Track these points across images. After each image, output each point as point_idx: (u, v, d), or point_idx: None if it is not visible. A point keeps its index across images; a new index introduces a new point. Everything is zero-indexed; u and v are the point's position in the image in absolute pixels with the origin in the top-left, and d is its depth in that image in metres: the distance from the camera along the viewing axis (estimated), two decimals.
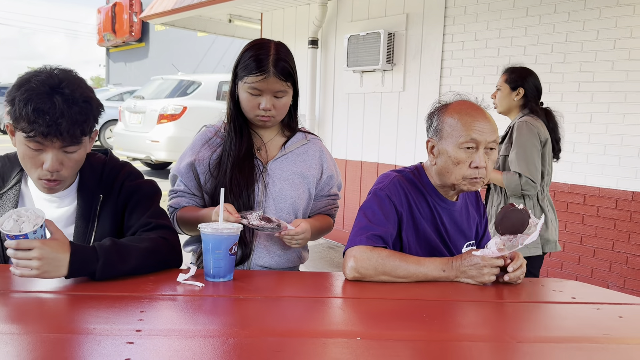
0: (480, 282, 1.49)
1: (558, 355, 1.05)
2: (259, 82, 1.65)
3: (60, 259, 1.28)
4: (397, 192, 1.62)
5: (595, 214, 3.69)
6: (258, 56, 1.67)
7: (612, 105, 3.54)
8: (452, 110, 1.59)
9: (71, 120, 1.36)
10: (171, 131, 7.88)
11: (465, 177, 1.56)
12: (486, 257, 1.48)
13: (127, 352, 0.96)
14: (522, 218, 1.47)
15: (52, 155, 1.40)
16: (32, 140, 1.37)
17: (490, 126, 1.55)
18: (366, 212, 1.60)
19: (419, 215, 1.63)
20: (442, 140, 1.59)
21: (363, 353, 1.02)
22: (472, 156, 1.54)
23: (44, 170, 1.42)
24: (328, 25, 5.46)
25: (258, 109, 1.68)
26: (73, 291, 1.30)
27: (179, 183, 1.80)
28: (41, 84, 1.37)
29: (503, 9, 4.06)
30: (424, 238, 1.64)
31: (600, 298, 1.48)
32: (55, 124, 1.34)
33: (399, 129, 4.88)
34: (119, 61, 21.43)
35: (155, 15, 6.57)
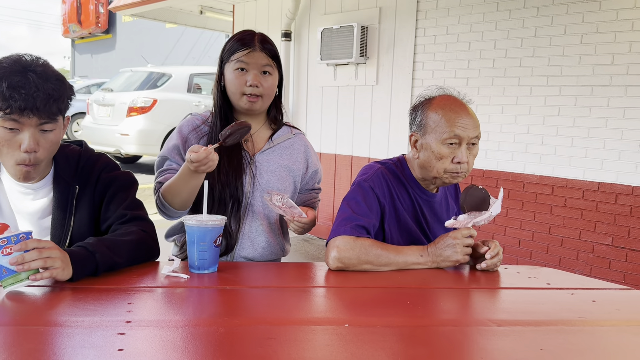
0: (456, 260, 1.54)
1: (537, 337, 1.10)
2: (245, 56, 1.70)
3: (67, 257, 1.27)
4: (380, 183, 1.65)
5: (563, 204, 3.80)
6: (244, 35, 1.75)
7: (579, 98, 3.65)
8: (435, 106, 1.61)
9: (47, 94, 1.35)
10: (141, 124, 7.75)
11: (447, 171, 1.60)
12: (456, 234, 1.55)
13: (119, 342, 0.97)
14: (484, 196, 1.55)
15: (29, 134, 1.37)
16: (9, 118, 1.35)
17: (473, 122, 1.58)
18: (350, 203, 1.62)
19: (400, 207, 1.67)
20: (425, 135, 1.62)
21: (352, 339, 1.04)
22: (454, 151, 1.58)
23: (22, 152, 1.38)
24: (301, 18, 5.46)
25: (245, 86, 1.70)
26: (58, 284, 1.28)
27: (169, 163, 1.75)
28: (13, 64, 1.36)
29: (474, 4, 4.13)
30: (406, 229, 1.67)
31: (574, 284, 1.54)
32: (32, 98, 1.33)
33: (372, 122, 4.92)
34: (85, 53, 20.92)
35: (124, 6, 6.44)
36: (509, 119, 3.98)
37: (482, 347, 1.06)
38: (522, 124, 3.94)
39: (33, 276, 1.22)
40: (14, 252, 1.20)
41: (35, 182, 1.53)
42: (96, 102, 8.46)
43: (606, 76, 3.52)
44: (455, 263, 1.55)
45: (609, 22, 3.48)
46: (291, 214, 1.66)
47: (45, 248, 1.23)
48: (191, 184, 1.59)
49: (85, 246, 1.34)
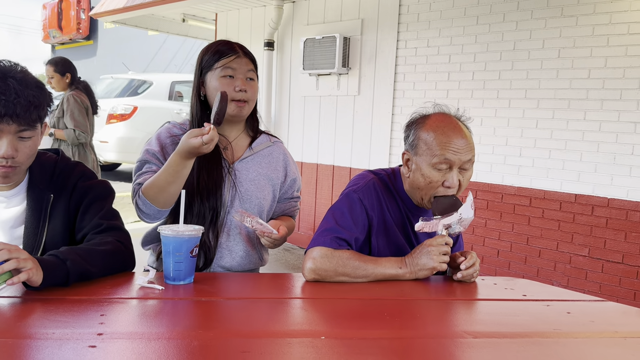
0: (432, 268, 1.52)
1: (513, 349, 1.11)
2: (232, 61, 1.70)
3: (35, 261, 1.24)
4: (370, 195, 1.62)
5: (541, 215, 3.85)
6: (225, 43, 1.76)
7: (557, 111, 3.71)
8: (428, 127, 1.56)
9: (27, 102, 1.35)
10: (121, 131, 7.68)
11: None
12: (432, 241, 1.53)
13: (89, 355, 0.95)
14: (453, 202, 1.55)
15: (7, 140, 1.36)
16: None
17: (466, 145, 1.53)
18: (335, 213, 1.60)
19: (390, 219, 1.64)
20: (417, 156, 1.57)
21: (328, 352, 1.04)
22: (445, 175, 1.53)
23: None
24: (284, 28, 5.47)
25: (234, 92, 1.69)
26: (28, 295, 1.25)
27: (148, 166, 1.70)
28: None
29: (454, 17, 4.19)
30: (394, 242, 1.65)
31: (550, 295, 1.56)
32: (12, 104, 1.32)
33: (354, 132, 4.94)
34: None
35: (106, 12, 6.39)
36: (488, 130, 4.03)
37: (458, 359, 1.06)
38: (500, 136, 3.99)
39: (10, 280, 1.18)
40: None
41: (8, 190, 1.50)
42: None
43: (583, 90, 3.58)
44: (432, 271, 1.53)
45: (586, 37, 3.55)
46: (261, 231, 1.65)
47: (14, 249, 1.20)
48: (182, 173, 1.56)
49: (57, 254, 1.32)
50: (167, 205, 1.63)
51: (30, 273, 1.20)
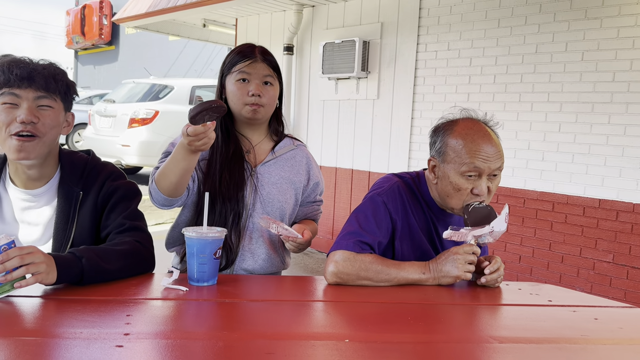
0: (456, 276, 1.49)
1: (539, 355, 1.09)
2: (247, 66, 1.71)
3: (51, 261, 1.27)
4: (395, 198, 1.60)
5: (564, 220, 3.80)
6: (244, 48, 1.77)
7: (580, 115, 3.66)
8: (457, 133, 1.52)
9: (45, 72, 1.45)
10: (143, 135, 7.77)
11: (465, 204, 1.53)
12: (458, 249, 1.50)
13: (116, 355, 0.96)
14: (489, 214, 1.51)
15: (26, 105, 1.43)
16: (8, 92, 1.41)
17: (495, 152, 1.49)
18: (358, 217, 1.59)
19: (415, 224, 1.62)
20: (444, 164, 1.53)
21: (352, 355, 1.03)
22: (474, 183, 1.50)
23: (18, 122, 1.42)
24: (303, 32, 5.49)
25: (247, 96, 1.70)
26: (56, 295, 1.27)
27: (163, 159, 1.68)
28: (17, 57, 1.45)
29: (475, 20, 4.16)
30: (419, 247, 1.62)
31: (576, 301, 1.53)
32: (30, 70, 1.42)
33: (373, 136, 4.93)
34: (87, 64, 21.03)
35: (128, 18, 6.49)
36: (509, 134, 3.99)
37: None
38: (522, 140, 3.95)
39: (18, 283, 1.21)
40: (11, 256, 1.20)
41: (39, 188, 1.53)
42: (98, 113, 8.48)
43: (607, 93, 3.53)
44: (455, 279, 1.51)
45: (610, 39, 3.50)
46: (286, 235, 1.65)
47: (28, 254, 1.22)
48: (181, 165, 1.53)
49: (74, 252, 1.35)
50: (172, 194, 1.61)
51: (40, 277, 1.23)
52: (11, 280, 1.21)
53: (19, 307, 1.21)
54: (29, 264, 1.21)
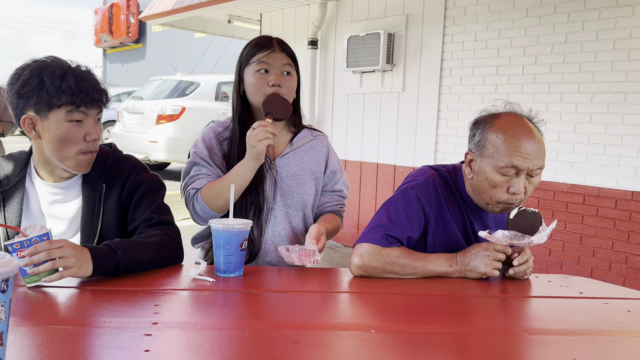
0: (483, 273, 1.47)
1: (570, 347, 1.07)
2: (266, 56, 1.71)
3: (86, 254, 1.29)
4: (429, 192, 1.56)
5: (595, 213, 3.71)
6: (261, 39, 1.78)
7: (612, 105, 3.56)
8: (497, 128, 1.46)
9: (99, 87, 1.49)
10: (170, 132, 7.88)
11: (500, 202, 1.48)
12: (489, 246, 1.48)
13: (145, 343, 0.97)
14: (534, 221, 1.45)
15: (93, 122, 1.50)
16: (78, 110, 1.45)
17: (536, 150, 1.43)
18: (389, 209, 1.56)
19: (449, 218, 1.58)
20: (482, 158, 1.48)
21: (379, 345, 1.03)
22: (510, 181, 1.45)
23: (89, 141, 1.49)
24: (328, 26, 5.48)
25: (267, 87, 1.70)
26: (85, 286, 1.30)
27: (197, 169, 1.73)
28: (60, 63, 1.46)
29: (503, 10, 4.08)
30: (454, 242, 1.59)
31: (608, 293, 1.50)
32: (95, 90, 1.46)
33: (398, 129, 4.89)
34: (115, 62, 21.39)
35: (155, 15, 6.57)
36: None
37: (513, 356, 1.03)
38: (552, 132, 3.86)
39: (48, 277, 1.24)
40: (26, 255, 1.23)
41: (64, 181, 1.56)
42: (126, 110, 8.62)
43: None
44: (482, 275, 1.49)
45: None
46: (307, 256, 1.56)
47: (57, 248, 1.24)
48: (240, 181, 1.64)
49: (109, 244, 1.37)
50: (223, 211, 1.67)
51: (70, 271, 1.25)
52: (38, 274, 1.24)
53: (52, 297, 1.24)
54: (57, 258, 1.24)
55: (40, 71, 1.42)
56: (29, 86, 1.42)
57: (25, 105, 1.44)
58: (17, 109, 1.47)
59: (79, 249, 1.29)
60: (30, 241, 1.26)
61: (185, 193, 1.71)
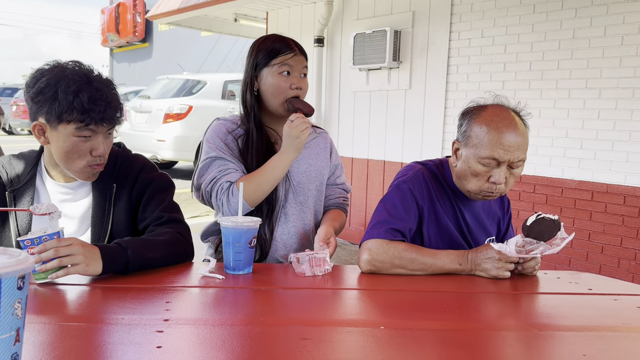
0: (494, 275, 1.49)
1: (580, 343, 1.07)
2: (290, 59, 1.72)
3: (96, 253, 1.31)
4: (420, 185, 1.61)
5: (604, 210, 3.70)
6: (281, 39, 1.76)
7: (620, 101, 3.54)
8: (482, 120, 1.51)
9: (114, 104, 1.48)
10: (177, 130, 7.91)
11: (481, 190, 1.53)
12: (502, 252, 1.49)
13: (157, 340, 0.98)
14: (552, 228, 1.45)
15: (101, 139, 1.49)
16: (86, 128, 1.44)
17: (518, 143, 1.47)
18: (386, 205, 1.60)
19: (441, 210, 1.62)
20: (466, 147, 1.54)
21: (388, 341, 1.03)
22: (491, 170, 1.50)
23: (95, 156, 1.49)
24: (334, 24, 5.48)
25: (290, 89, 1.71)
26: (97, 284, 1.31)
27: (222, 162, 1.69)
28: (77, 75, 1.44)
29: (510, 6, 4.07)
30: (447, 233, 1.63)
31: (617, 289, 1.49)
32: (108, 109, 1.45)
33: (405, 126, 4.89)
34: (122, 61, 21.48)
35: (161, 14, 6.59)
36: (546, 122, 3.90)
37: (522, 352, 1.03)
38: (560, 128, 3.85)
39: (54, 274, 1.26)
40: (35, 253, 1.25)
41: (75, 181, 1.58)
42: (134, 109, 8.66)
43: None
44: (492, 277, 1.49)
45: None
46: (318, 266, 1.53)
47: (65, 246, 1.26)
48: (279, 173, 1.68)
49: (120, 242, 1.38)
50: (257, 203, 1.69)
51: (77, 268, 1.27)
52: (45, 271, 1.25)
53: (63, 294, 1.25)
54: (66, 255, 1.25)
55: (56, 82, 1.41)
56: (43, 95, 1.42)
57: (37, 112, 1.46)
58: (30, 112, 1.49)
59: (88, 247, 1.30)
60: (41, 239, 1.28)
61: (217, 187, 1.65)
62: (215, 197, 1.66)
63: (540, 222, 1.45)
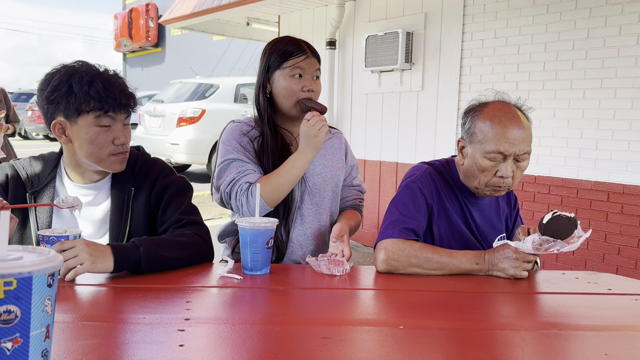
0: (511, 275, 1.48)
1: (601, 342, 1.06)
2: (302, 61, 1.72)
3: (105, 251, 1.33)
4: (429, 184, 1.63)
5: (620, 211, 3.66)
6: (294, 42, 1.77)
7: (636, 101, 3.51)
8: (485, 115, 1.55)
9: (127, 92, 1.51)
10: (191, 134, 7.96)
11: (488, 184, 1.56)
12: (519, 251, 1.48)
13: (179, 338, 0.99)
14: (569, 226, 1.44)
15: (120, 127, 1.52)
16: (106, 116, 1.47)
17: (522, 136, 1.50)
18: (397, 205, 1.61)
19: (449, 208, 1.65)
20: (471, 144, 1.57)
21: (408, 341, 1.04)
22: (498, 165, 1.53)
23: (118, 144, 1.52)
24: (346, 26, 5.48)
25: (301, 91, 1.72)
26: (117, 284, 1.33)
27: (240, 164, 1.70)
28: (89, 68, 1.49)
29: (523, 6, 4.05)
30: (458, 231, 1.65)
31: (637, 289, 1.48)
32: (124, 95, 1.48)
33: (417, 128, 4.88)
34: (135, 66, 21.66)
35: (175, 19, 6.65)
36: (561, 123, 3.87)
37: (543, 351, 1.02)
38: (575, 128, 3.82)
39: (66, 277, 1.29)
40: None
41: (94, 183, 1.60)
42: (147, 113, 8.73)
43: None
44: (510, 277, 1.49)
45: None
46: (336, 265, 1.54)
47: (68, 249, 1.28)
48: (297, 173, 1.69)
49: (134, 241, 1.41)
50: (276, 203, 1.70)
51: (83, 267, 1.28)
52: None
53: (85, 294, 1.27)
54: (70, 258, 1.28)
55: (69, 77, 1.45)
56: (58, 92, 1.45)
57: (55, 111, 1.48)
58: (47, 114, 1.51)
59: (96, 246, 1.32)
60: (49, 240, 1.31)
61: (237, 188, 1.66)
62: (235, 198, 1.67)
63: (557, 220, 1.44)
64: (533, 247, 1.44)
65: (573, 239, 1.45)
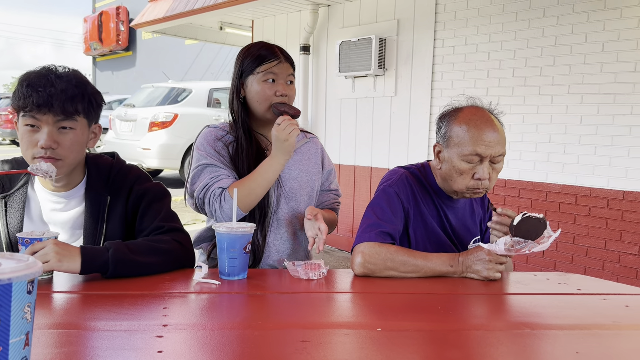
0: (485, 277, 1.51)
1: (572, 341, 1.10)
2: (275, 66, 1.73)
3: (73, 251, 1.32)
4: (405, 188, 1.66)
5: (587, 213, 3.76)
6: (266, 47, 1.78)
7: (602, 106, 3.62)
8: (460, 120, 1.59)
9: (64, 94, 1.42)
10: (163, 139, 7.86)
11: (468, 187, 1.59)
12: (492, 252, 1.52)
13: (158, 345, 0.99)
14: (539, 227, 1.49)
15: (46, 130, 1.43)
16: (28, 115, 1.42)
17: (497, 138, 1.55)
18: (374, 209, 1.63)
19: (425, 211, 1.67)
20: (448, 148, 1.61)
21: (386, 342, 1.05)
22: (475, 167, 1.56)
23: (38, 147, 1.43)
24: (319, 32, 5.52)
25: (275, 96, 1.72)
26: (92, 290, 1.31)
27: (214, 169, 1.70)
28: (41, 69, 1.47)
29: (493, 14, 4.14)
30: (433, 234, 1.68)
31: (605, 289, 1.53)
32: (48, 95, 1.39)
33: (391, 133, 4.93)
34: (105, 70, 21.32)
35: (146, 23, 6.57)
36: (530, 128, 3.97)
37: (517, 350, 1.05)
38: (543, 133, 3.92)
39: None
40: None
41: (66, 191, 1.57)
42: (118, 117, 8.60)
43: (629, 84, 3.49)
44: (483, 279, 1.52)
45: (631, 29, 3.46)
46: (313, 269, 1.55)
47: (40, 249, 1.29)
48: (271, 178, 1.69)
49: (106, 244, 1.40)
50: (250, 208, 1.69)
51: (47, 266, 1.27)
52: None
53: (60, 302, 1.25)
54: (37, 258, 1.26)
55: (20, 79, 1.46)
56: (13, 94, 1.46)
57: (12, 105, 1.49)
58: None
59: (64, 246, 1.32)
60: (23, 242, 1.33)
61: (209, 193, 1.66)
62: (208, 203, 1.66)
63: (527, 222, 1.49)
64: (505, 249, 1.48)
65: (543, 239, 1.50)
